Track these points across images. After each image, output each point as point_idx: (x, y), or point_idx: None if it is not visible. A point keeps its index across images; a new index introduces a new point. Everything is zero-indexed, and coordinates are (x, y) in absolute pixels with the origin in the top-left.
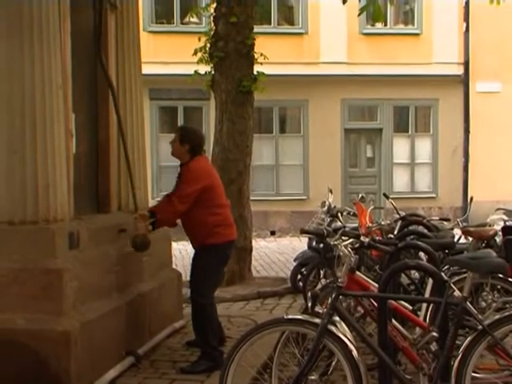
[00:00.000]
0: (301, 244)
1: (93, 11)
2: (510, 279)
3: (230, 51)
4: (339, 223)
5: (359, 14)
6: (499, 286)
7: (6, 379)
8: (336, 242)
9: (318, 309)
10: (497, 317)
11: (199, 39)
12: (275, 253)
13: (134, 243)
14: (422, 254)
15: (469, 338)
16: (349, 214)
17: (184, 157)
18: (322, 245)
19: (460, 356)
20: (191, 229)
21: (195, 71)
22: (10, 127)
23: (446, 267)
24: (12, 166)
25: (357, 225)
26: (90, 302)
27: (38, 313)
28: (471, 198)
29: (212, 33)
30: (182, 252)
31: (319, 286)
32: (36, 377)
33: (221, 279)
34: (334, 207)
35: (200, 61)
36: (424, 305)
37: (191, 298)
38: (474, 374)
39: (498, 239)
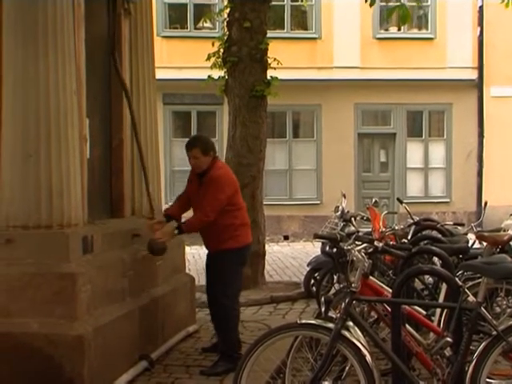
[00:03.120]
0: (314, 249)
1: (107, 17)
2: None
3: (244, 56)
4: (352, 228)
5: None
6: None
7: (20, 383)
8: (349, 247)
9: (331, 314)
10: (511, 322)
11: (213, 44)
12: (288, 257)
13: (151, 248)
14: (435, 259)
15: (483, 344)
16: (362, 218)
17: (206, 165)
18: (335, 250)
19: (474, 362)
20: (210, 233)
21: (209, 76)
22: (24, 132)
23: (460, 272)
24: (27, 170)
25: (370, 230)
26: (104, 306)
27: (52, 317)
28: (485, 203)
29: (225, 38)
30: (195, 256)
31: (332, 291)
32: (50, 381)
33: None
34: (348, 212)
35: (213, 66)
36: (438, 310)
37: (218, 301)
38: (488, 380)
39: None
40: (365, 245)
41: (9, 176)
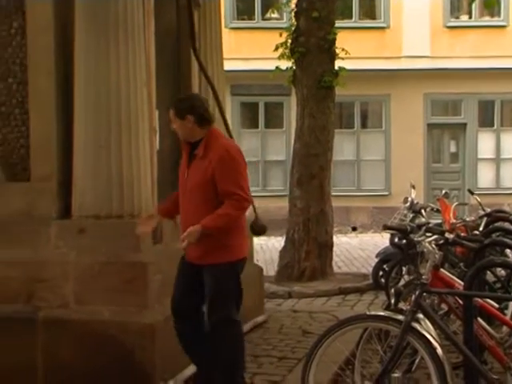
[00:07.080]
0: (382, 240)
1: (175, 8)
2: None
3: (312, 46)
4: (423, 219)
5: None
6: None
7: (94, 369)
8: (420, 239)
9: (401, 305)
10: None
11: (280, 35)
12: (356, 249)
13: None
14: (508, 251)
15: None
16: (432, 210)
17: (195, 133)
18: (404, 241)
19: None
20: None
21: (276, 67)
22: (96, 123)
23: None
24: (98, 160)
25: (440, 221)
26: None
27: (123, 305)
28: None
29: (293, 28)
30: (264, 247)
31: (402, 283)
32: (122, 368)
33: None
34: (417, 203)
35: (281, 56)
36: (511, 303)
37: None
38: None
39: None
40: (435, 236)
41: (81, 167)
